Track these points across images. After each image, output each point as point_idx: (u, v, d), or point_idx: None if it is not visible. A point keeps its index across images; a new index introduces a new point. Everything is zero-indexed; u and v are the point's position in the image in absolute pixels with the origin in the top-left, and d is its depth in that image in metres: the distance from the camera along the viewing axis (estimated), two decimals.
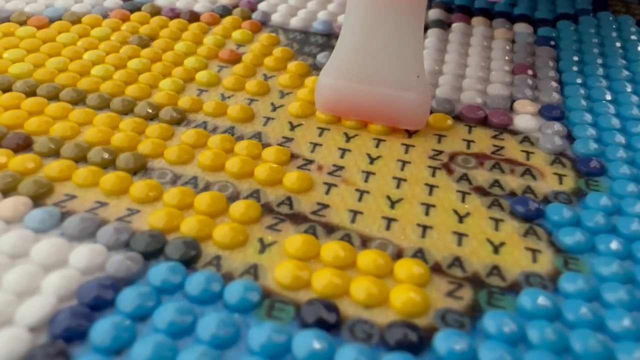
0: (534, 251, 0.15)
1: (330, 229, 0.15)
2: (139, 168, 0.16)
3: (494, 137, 0.19)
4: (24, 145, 0.17)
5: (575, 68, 0.22)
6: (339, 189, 0.16)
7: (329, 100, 0.18)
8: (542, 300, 0.13)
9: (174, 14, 0.24)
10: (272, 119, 0.19)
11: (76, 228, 0.14)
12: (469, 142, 0.18)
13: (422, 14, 0.17)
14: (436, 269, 0.14)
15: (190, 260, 0.14)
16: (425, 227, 0.15)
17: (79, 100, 0.19)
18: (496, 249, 0.15)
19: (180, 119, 0.18)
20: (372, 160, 0.17)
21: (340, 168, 0.17)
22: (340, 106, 0.18)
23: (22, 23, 0.22)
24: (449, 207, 0.16)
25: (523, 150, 0.18)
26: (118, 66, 0.21)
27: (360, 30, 0.17)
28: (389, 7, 0.17)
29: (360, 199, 0.16)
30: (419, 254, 0.15)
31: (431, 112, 0.19)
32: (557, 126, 0.19)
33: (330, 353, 0.12)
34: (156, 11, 0.24)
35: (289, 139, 0.18)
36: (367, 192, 0.16)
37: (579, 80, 0.22)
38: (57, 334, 0.12)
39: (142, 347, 0.12)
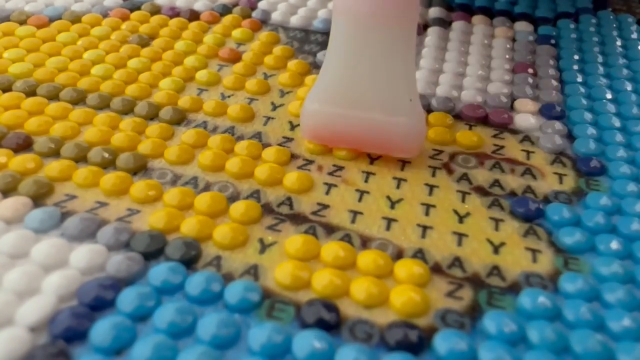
0: (534, 251, 0.15)
1: (330, 229, 0.15)
2: (139, 168, 0.16)
3: (494, 136, 0.19)
4: (24, 145, 0.17)
5: (575, 67, 0.22)
6: (339, 189, 0.16)
7: (315, 128, 0.17)
8: (542, 300, 0.13)
9: (174, 13, 0.24)
10: (272, 118, 0.19)
11: (76, 228, 0.14)
12: None
13: (413, 32, 0.16)
14: (436, 269, 0.14)
15: (190, 261, 0.14)
16: (425, 227, 0.15)
17: (79, 100, 0.19)
18: (496, 249, 0.15)
19: (180, 119, 0.18)
20: (371, 160, 0.17)
21: (340, 168, 0.17)
22: (328, 134, 0.17)
23: (22, 22, 0.22)
24: (449, 207, 0.16)
25: (523, 150, 0.18)
26: (118, 65, 0.21)
27: (346, 51, 0.16)
28: (376, 26, 0.15)
29: (360, 199, 0.16)
30: (419, 254, 0.15)
31: (432, 111, 0.19)
32: (557, 125, 0.19)
33: (330, 353, 0.12)
34: (156, 10, 0.24)
35: (289, 139, 0.18)
36: (367, 192, 0.16)
37: (579, 79, 0.22)
38: (58, 334, 0.12)
39: (142, 347, 0.12)
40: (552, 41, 0.24)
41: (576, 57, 0.23)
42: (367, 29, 0.16)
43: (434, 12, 0.25)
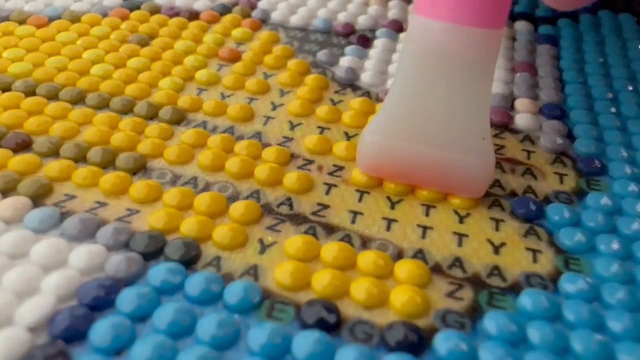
0: (535, 251, 0.15)
1: (330, 230, 0.15)
2: (139, 168, 0.16)
3: (495, 135, 0.19)
4: (23, 145, 0.17)
5: (576, 66, 0.22)
6: (339, 189, 0.16)
7: (374, 160, 0.16)
8: (543, 300, 0.13)
9: (174, 13, 0.24)
10: (272, 118, 0.19)
11: (76, 228, 0.14)
12: None
13: (493, 65, 0.15)
14: (436, 269, 0.14)
15: (190, 261, 0.14)
16: (425, 228, 0.15)
17: (78, 99, 0.19)
18: (496, 250, 0.15)
19: (179, 119, 0.18)
20: None
21: (341, 168, 0.17)
22: (388, 168, 0.16)
23: (22, 22, 0.22)
24: (449, 207, 0.16)
25: (524, 150, 0.18)
26: (117, 65, 0.21)
27: (417, 83, 0.15)
28: (455, 57, 0.15)
29: (360, 200, 0.16)
30: (419, 254, 0.15)
31: None
32: (557, 125, 0.19)
33: (330, 354, 0.12)
34: (156, 10, 0.24)
35: (289, 139, 0.18)
36: (367, 192, 0.16)
37: (579, 79, 0.21)
38: (57, 334, 0.12)
39: (141, 348, 0.12)
40: (553, 41, 0.24)
41: (576, 56, 0.23)
42: (443, 62, 0.15)
43: None
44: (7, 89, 0.19)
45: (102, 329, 0.12)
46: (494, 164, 0.15)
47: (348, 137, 0.18)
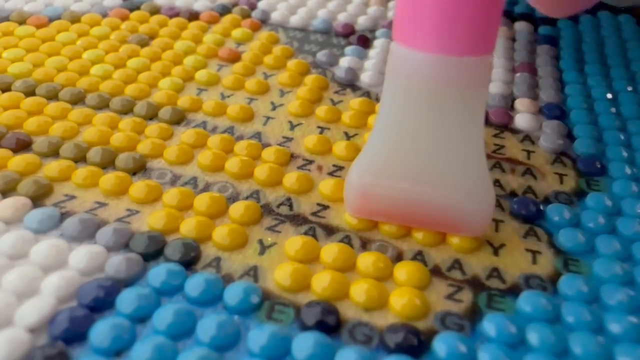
0: (534, 252, 0.15)
1: (330, 231, 0.15)
2: (139, 168, 0.16)
3: (495, 135, 0.19)
4: (23, 145, 0.17)
5: (576, 67, 0.22)
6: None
7: (364, 202, 0.14)
8: (542, 302, 0.13)
9: (174, 13, 0.24)
10: (272, 118, 0.19)
11: (75, 229, 0.14)
12: None
13: (485, 92, 0.14)
14: (436, 271, 0.14)
15: (189, 262, 0.14)
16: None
17: (78, 100, 0.19)
18: (496, 251, 0.15)
19: (179, 119, 0.18)
20: None
21: (341, 168, 0.17)
22: (379, 210, 0.15)
23: (21, 22, 0.22)
24: None
25: (524, 150, 0.18)
26: (117, 65, 0.21)
27: (403, 116, 0.14)
28: (442, 89, 0.13)
29: None
30: (419, 256, 0.15)
31: None
32: (558, 125, 0.19)
33: (330, 355, 0.12)
34: (156, 10, 0.24)
35: (289, 139, 0.18)
36: None
37: (579, 79, 0.21)
38: (57, 335, 0.12)
39: (141, 349, 0.12)
40: (553, 41, 0.24)
41: (576, 57, 0.23)
42: (430, 94, 0.13)
43: None
44: (7, 89, 0.19)
45: (102, 330, 0.12)
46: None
47: (348, 137, 0.18)
